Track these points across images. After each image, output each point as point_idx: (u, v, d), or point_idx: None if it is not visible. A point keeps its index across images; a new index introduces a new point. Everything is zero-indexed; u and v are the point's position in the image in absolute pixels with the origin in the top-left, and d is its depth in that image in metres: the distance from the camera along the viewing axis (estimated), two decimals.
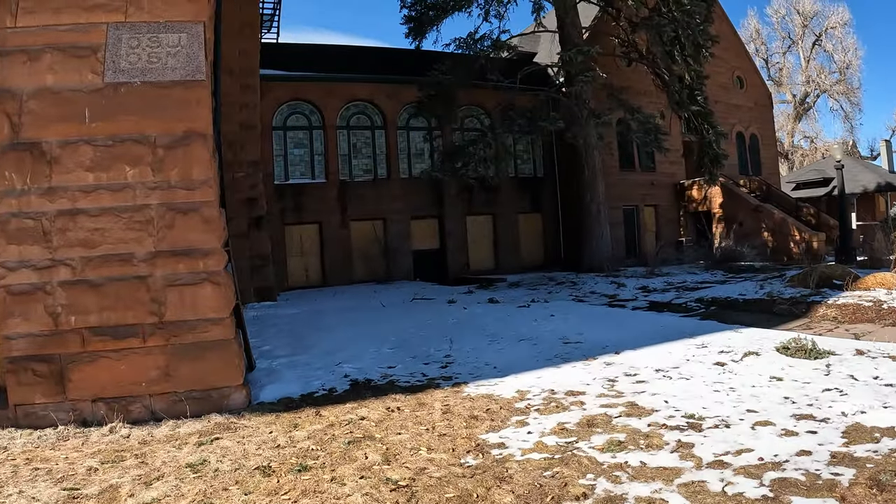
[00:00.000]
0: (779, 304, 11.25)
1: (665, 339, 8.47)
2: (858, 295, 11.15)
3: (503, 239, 22.13)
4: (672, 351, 7.73)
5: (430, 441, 4.56)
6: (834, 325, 9.57)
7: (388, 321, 11.31)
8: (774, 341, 7.91)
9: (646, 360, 7.26)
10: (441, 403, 5.67)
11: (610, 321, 10.44)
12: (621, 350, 7.87)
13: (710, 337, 8.53)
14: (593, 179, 18.50)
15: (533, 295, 15.07)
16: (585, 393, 5.93)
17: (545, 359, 7.57)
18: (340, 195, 19.90)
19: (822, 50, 40.56)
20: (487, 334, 9.50)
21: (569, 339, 8.85)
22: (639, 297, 13.95)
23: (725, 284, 14.47)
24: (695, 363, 7.01)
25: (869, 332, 8.88)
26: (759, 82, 27.84)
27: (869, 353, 7.23)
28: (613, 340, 8.55)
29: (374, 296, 15.98)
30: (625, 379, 6.43)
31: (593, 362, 7.33)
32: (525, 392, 6.06)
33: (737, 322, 10.08)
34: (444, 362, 7.68)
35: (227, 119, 15.28)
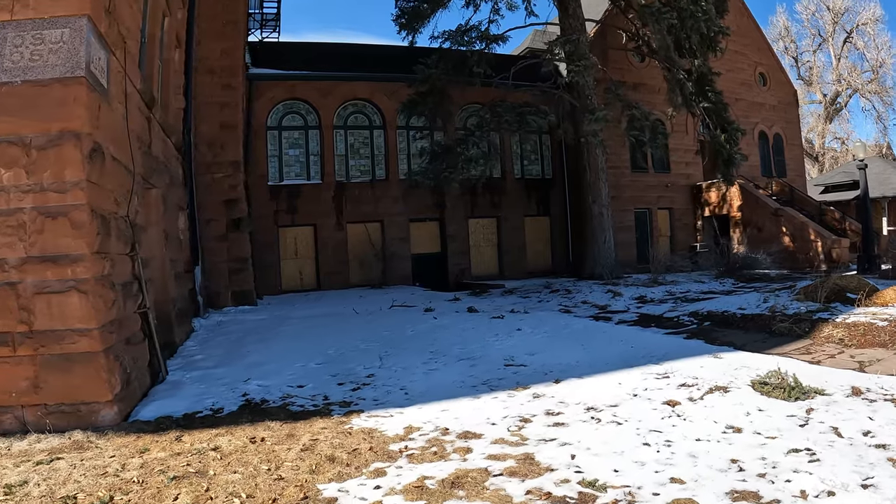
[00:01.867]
0: (779, 321, 9.58)
1: (625, 365, 7.05)
2: (873, 312, 9.40)
3: (508, 243, 20.63)
4: (624, 381, 6.31)
5: (258, 486, 3.84)
6: (838, 350, 7.96)
7: (343, 332, 10.24)
8: (755, 372, 6.44)
9: (585, 392, 5.94)
10: (310, 437, 4.81)
11: (577, 339, 9.00)
12: (564, 378, 6.57)
13: (680, 364, 7.04)
14: (596, 180, 16.87)
15: (521, 304, 13.72)
16: (483, 436, 4.75)
17: (471, 385, 6.41)
18: (336, 196, 18.76)
19: (854, 47, 37.64)
20: (432, 351, 8.33)
21: (514, 360, 7.59)
22: (631, 308, 12.44)
23: (731, 295, 12.78)
24: (641, 401, 5.59)
25: (878, 359, 7.28)
26: (783, 79, 25.62)
27: (868, 392, 5.68)
28: (564, 364, 7.26)
29: (359, 301, 14.90)
30: (542, 419, 5.15)
31: (520, 393, 6.06)
32: (415, 429, 4.99)
33: (726, 342, 8.58)
34: (360, 384, 6.66)
35: (207, 119, 14.56)
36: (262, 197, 18.20)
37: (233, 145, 15.08)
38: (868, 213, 15.60)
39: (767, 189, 21.80)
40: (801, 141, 26.73)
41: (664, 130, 16.99)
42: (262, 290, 17.33)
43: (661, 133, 16.63)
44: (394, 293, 16.29)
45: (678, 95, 15.94)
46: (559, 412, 5.33)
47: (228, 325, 11.75)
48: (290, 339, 9.77)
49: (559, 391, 6.07)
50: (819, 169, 38.59)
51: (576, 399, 5.73)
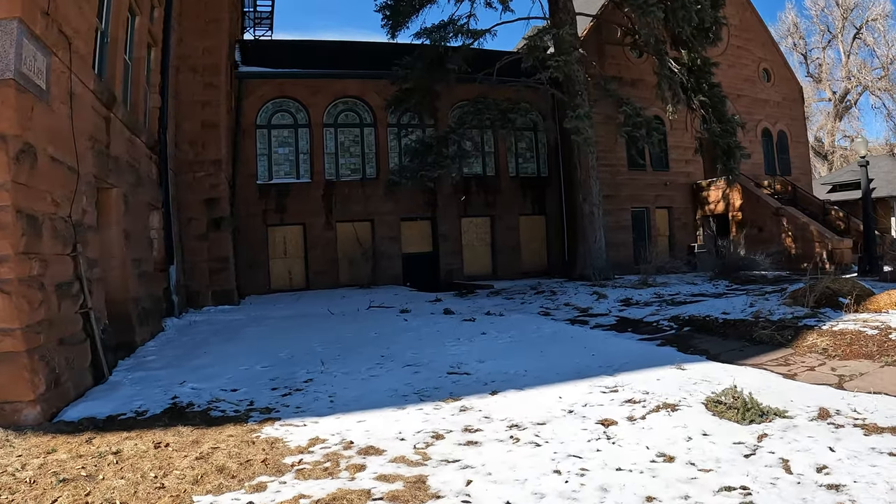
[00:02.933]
0: (761, 328, 8.78)
1: (577, 376, 6.35)
2: (864, 319, 8.57)
3: (502, 243, 19.85)
4: (566, 395, 5.62)
5: (137, 493, 3.64)
6: (819, 361, 7.20)
7: (307, 333, 9.74)
8: (716, 387, 5.73)
9: (518, 407, 5.31)
10: (213, 445, 4.52)
11: (540, 345, 8.30)
12: (503, 389, 5.93)
13: (636, 376, 6.33)
14: (586, 178, 16.03)
15: (502, 306, 13.04)
16: (384, 452, 4.27)
17: (402, 395, 5.86)
18: (326, 195, 18.16)
19: (864, 44, 35.99)
20: (383, 355, 7.76)
21: (461, 368, 6.94)
22: (613, 311, 11.69)
23: (720, 298, 11.97)
24: (575, 419, 4.91)
25: (861, 373, 6.53)
26: (788, 75, 24.46)
27: (837, 415, 4.95)
28: (512, 374, 6.61)
29: (340, 301, 14.41)
30: (457, 436, 4.59)
31: (448, 405, 5.46)
32: (320, 441, 4.58)
33: (700, 351, 7.87)
34: (294, 389, 6.21)
35: (188, 117, 14.10)
36: (251, 196, 17.71)
37: (214, 144, 14.55)
38: (869, 213, 14.61)
39: (770, 188, 20.76)
40: (807, 138, 25.54)
41: (659, 127, 16.08)
42: (251, 290, 16.91)
43: (656, 130, 15.73)
44: (379, 293, 15.69)
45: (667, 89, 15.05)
46: (478, 429, 4.73)
47: (200, 325, 11.33)
48: (252, 340, 9.35)
49: (490, 404, 5.44)
50: (828, 167, 37.12)
51: (504, 414, 5.09)
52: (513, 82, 15.79)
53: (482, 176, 19.75)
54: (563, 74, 14.35)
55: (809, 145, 38.22)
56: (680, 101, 15.47)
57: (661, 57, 14.84)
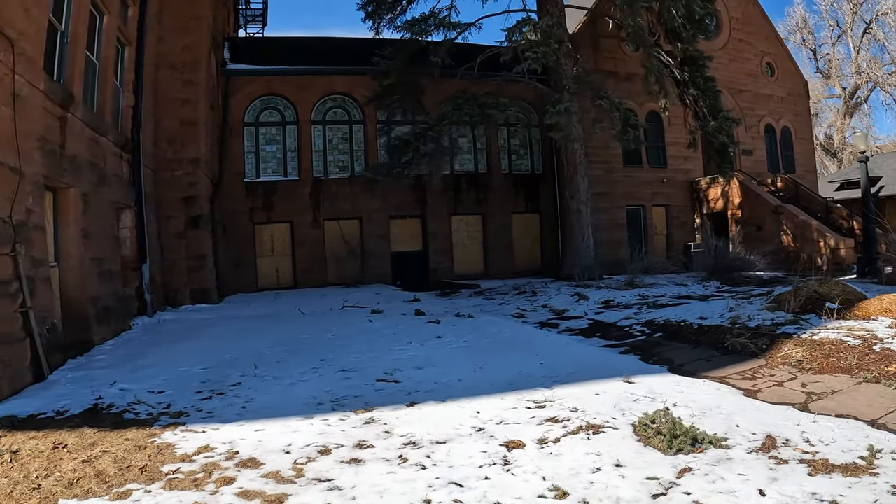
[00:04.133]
0: (735, 335, 7.96)
1: (510, 388, 5.71)
2: (849, 327, 7.70)
3: (494, 241, 19.04)
4: (486, 409, 4.99)
5: (11, 494, 3.53)
6: (790, 375, 6.42)
7: (265, 334, 9.27)
8: (656, 406, 4.99)
9: (429, 421, 4.73)
10: (105, 448, 4.31)
11: (491, 352, 7.59)
12: (423, 401, 5.35)
13: (574, 390, 5.64)
14: (573, 175, 15.17)
15: (478, 307, 12.40)
16: (262, 465, 3.93)
17: (317, 403, 5.40)
18: (314, 193, 17.56)
19: (874, 39, 34.25)
20: (324, 359, 7.24)
21: (394, 374, 6.36)
22: (589, 314, 10.94)
23: (705, 301, 11.13)
24: (481, 438, 4.28)
25: (833, 391, 5.75)
26: (792, 69, 23.21)
27: (785, 446, 4.29)
28: (443, 383, 6.02)
29: (319, 300, 13.87)
30: (344, 452, 4.09)
31: (357, 416, 4.94)
32: (209, 449, 4.25)
33: (664, 360, 7.17)
34: (216, 392, 5.85)
35: (168, 115, 13.63)
36: (238, 194, 17.19)
37: (193, 142, 14.10)
38: (869, 212, 13.58)
39: (772, 185, 19.65)
40: (812, 134, 24.28)
41: (636, 122, 15.14)
42: (239, 288, 16.47)
43: (633, 125, 14.80)
44: (361, 293, 15.10)
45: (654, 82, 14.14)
46: (371, 445, 4.21)
47: (169, 323, 10.98)
48: (208, 340, 8.94)
49: (399, 417, 4.86)
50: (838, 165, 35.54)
51: (407, 430, 4.51)
52: (494, 77, 14.96)
53: (474, 173, 18.97)
54: (542, 67, 13.50)
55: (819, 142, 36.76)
56: (668, 95, 14.56)
57: (649, 48, 13.93)
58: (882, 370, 6.10)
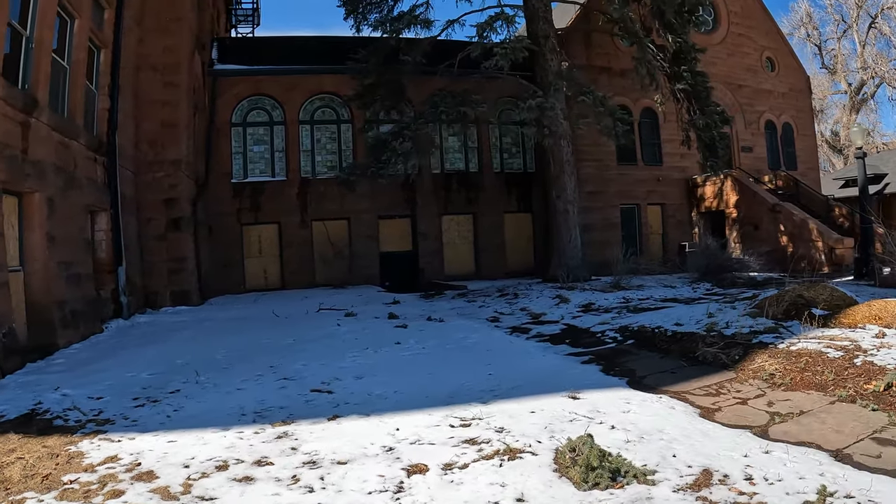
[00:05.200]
0: (708, 344, 7.30)
1: (444, 402, 5.25)
2: (832, 336, 7.00)
3: (486, 241, 18.38)
4: (405, 426, 4.56)
5: None
6: (758, 391, 5.82)
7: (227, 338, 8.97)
8: (594, 427, 4.46)
9: (342, 438, 4.34)
10: (20, 455, 4.18)
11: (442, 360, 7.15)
12: (349, 414, 4.97)
13: (510, 406, 5.09)
14: (560, 174, 14.44)
15: (455, 310, 11.94)
16: (156, 479, 3.69)
17: (242, 414, 5.06)
18: (301, 193, 17.05)
19: (880, 33, 32.83)
20: (272, 366, 6.85)
21: (331, 385, 5.94)
22: (565, 318, 10.32)
23: (689, 305, 10.41)
24: (384, 460, 3.89)
25: (801, 411, 5.18)
26: (794, 64, 22.20)
27: (720, 484, 3.85)
28: (377, 394, 5.61)
29: (299, 302, 13.40)
30: (239, 469, 3.81)
31: (272, 430, 4.59)
32: (115, 459, 4.04)
33: (625, 371, 6.65)
34: (151, 399, 5.58)
35: (148, 117, 13.25)
36: (226, 195, 16.75)
37: (173, 144, 13.76)
38: (866, 210, 12.74)
39: (771, 183, 18.75)
40: (814, 131, 23.24)
41: (624, 117, 14.39)
42: (226, 289, 16.08)
43: (621, 120, 14.05)
44: (346, 294, 14.62)
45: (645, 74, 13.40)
46: (270, 462, 3.89)
47: (142, 326, 10.75)
48: (171, 343, 8.69)
49: (314, 433, 4.49)
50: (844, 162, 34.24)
51: (315, 447, 4.16)
52: (474, 74, 14.26)
53: (465, 172, 18.32)
54: (510, 63, 12.80)
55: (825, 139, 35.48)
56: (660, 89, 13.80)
57: (640, 41, 13.18)
58: (860, 388, 5.43)
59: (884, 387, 5.24)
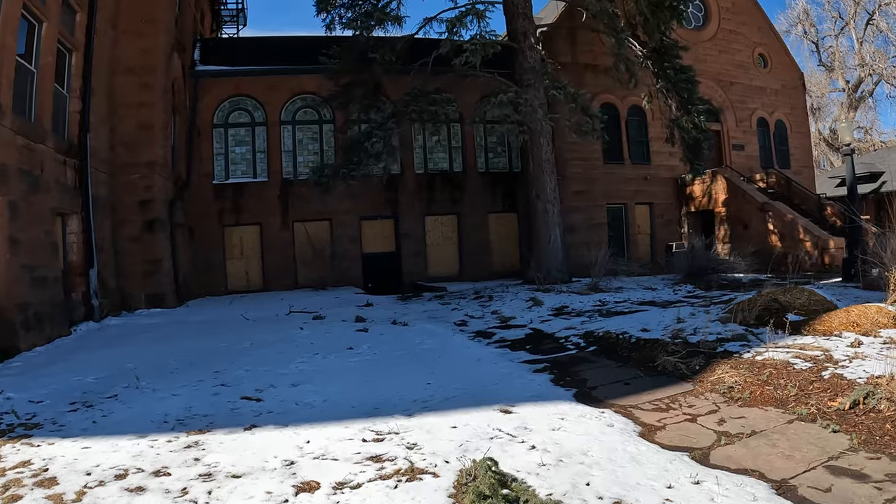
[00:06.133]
0: (670, 352, 6.73)
1: (368, 413, 4.87)
2: (802, 345, 6.41)
3: (470, 242, 17.79)
4: (317, 439, 4.25)
5: None
6: (711, 407, 5.32)
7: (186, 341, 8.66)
8: (513, 447, 4.06)
9: (250, 450, 4.09)
10: None
11: (388, 366, 6.72)
12: (267, 424, 4.65)
13: (434, 420, 4.69)
14: (539, 173, 13.82)
15: (426, 312, 11.57)
16: (55, 486, 3.53)
17: (165, 421, 4.80)
18: (283, 194, 16.57)
19: (878, 30, 31.74)
20: (217, 371, 6.52)
21: (263, 393, 5.58)
22: (534, 322, 9.83)
23: (666, 308, 9.76)
24: (278, 475, 3.62)
25: (754, 431, 4.60)
26: (787, 61, 21.40)
27: None
28: (306, 402, 5.27)
29: (274, 305, 12.97)
30: (136, 479, 3.61)
31: (184, 439, 4.32)
32: (26, 465, 3.86)
33: (577, 381, 6.04)
34: (86, 404, 5.33)
35: (124, 119, 13.29)
36: (207, 196, 16.32)
37: (149, 146, 13.41)
38: (855, 209, 12.06)
39: (763, 181, 18.02)
40: (808, 128, 22.42)
41: (598, 114, 13.74)
42: (207, 291, 15.67)
43: (595, 117, 13.39)
44: (323, 296, 14.17)
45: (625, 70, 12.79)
46: (168, 473, 3.69)
47: (111, 329, 10.49)
48: (129, 347, 8.39)
49: (225, 443, 4.20)
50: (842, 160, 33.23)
51: (218, 458, 3.89)
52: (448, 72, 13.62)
53: (448, 172, 17.75)
54: (481, 59, 12.22)
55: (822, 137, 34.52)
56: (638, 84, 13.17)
57: (617, 35, 12.57)
58: (823, 405, 4.85)
59: (849, 404, 4.65)
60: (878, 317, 6.88)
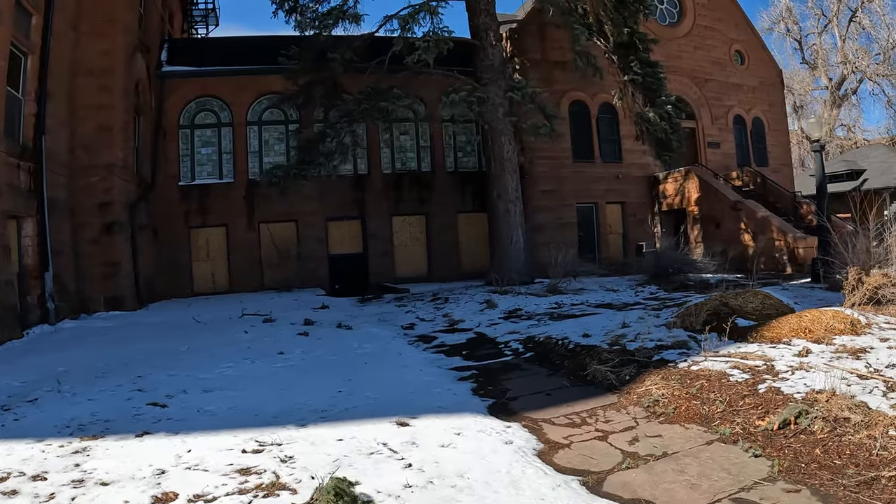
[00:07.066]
0: (602, 361, 6.17)
1: (269, 422, 4.59)
2: (745, 354, 5.86)
3: (439, 242, 17.27)
4: (199, 448, 4.02)
5: None
6: (628, 423, 4.92)
7: (129, 344, 8.48)
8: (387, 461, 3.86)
9: (131, 458, 3.88)
10: None
11: (308, 374, 6.30)
12: (157, 433, 4.42)
13: (324, 431, 4.39)
14: (501, 172, 13.25)
15: (379, 315, 11.18)
16: None
17: (67, 425, 4.61)
18: (248, 195, 16.04)
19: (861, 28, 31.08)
20: (140, 375, 6.25)
21: (173, 399, 5.33)
22: (481, 325, 9.41)
23: (620, 312, 9.24)
24: (145, 485, 3.44)
25: (666, 452, 4.06)
26: (765, 58, 20.78)
27: None
28: (211, 410, 5.02)
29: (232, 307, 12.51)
30: (9, 483, 3.47)
31: (72, 444, 4.13)
32: None
33: (500, 391, 5.69)
34: (2, 409, 5.16)
35: (83, 121, 13.07)
36: (173, 198, 15.81)
37: (108, 148, 13.05)
38: (824, 207, 11.48)
39: (739, 179, 17.42)
40: (787, 126, 21.78)
41: (555, 114, 13.14)
42: (173, 293, 15.21)
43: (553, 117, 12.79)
44: (284, 298, 13.81)
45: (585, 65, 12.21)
46: (44, 478, 3.51)
47: (64, 332, 10.27)
48: (73, 351, 8.15)
49: (111, 450, 4.01)
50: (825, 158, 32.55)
51: (97, 465, 3.71)
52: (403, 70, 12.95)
53: (417, 171, 17.20)
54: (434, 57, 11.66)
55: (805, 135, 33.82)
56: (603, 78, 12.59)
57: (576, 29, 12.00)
58: (751, 424, 4.31)
59: (778, 424, 4.10)
60: (834, 322, 6.29)
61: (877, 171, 22.82)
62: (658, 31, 17.88)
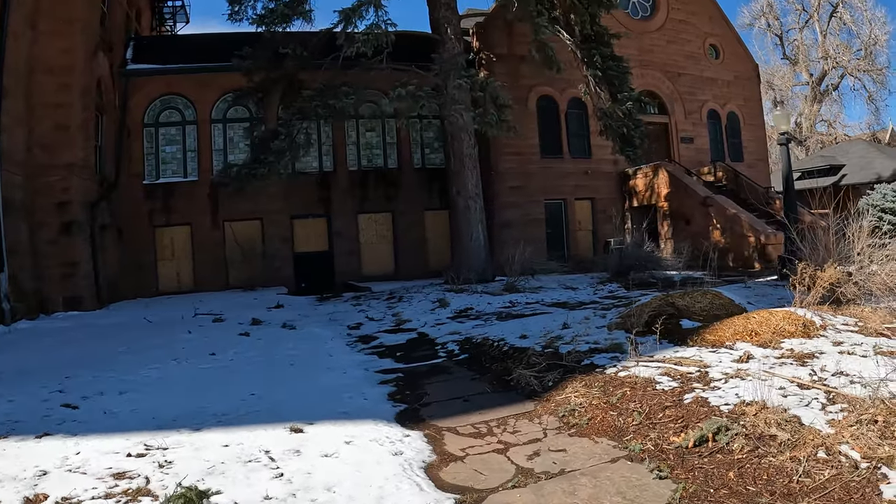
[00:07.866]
0: (527, 365, 5.77)
1: (168, 424, 4.44)
2: (679, 359, 5.50)
3: (405, 240, 16.95)
4: (88, 451, 3.90)
5: None
6: (536, 434, 4.68)
7: (72, 346, 8.21)
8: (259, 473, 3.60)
9: (20, 458, 3.75)
10: None
11: (231, 376, 6.11)
12: (56, 434, 4.26)
13: (216, 436, 4.21)
14: (461, 169, 12.87)
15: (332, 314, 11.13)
16: None
17: None
18: (213, 194, 15.65)
19: (842, 23, 30.71)
20: (68, 377, 6.02)
21: (88, 400, 5.15)
22: (427, 325, 9.27)
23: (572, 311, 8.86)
24: (21, 488, 3.35)
25: (564, 470, 3.71)
26: (741, 52, 20.39)
27: None
28: (117, 412, 4.86)
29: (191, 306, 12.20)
30: None
31: None
32: None
33: (417, 396, 5.43)
34: None
35: (41, 120, 12.75)
36: (137, 197, 15.46)
37: (67, 147, 12.77)
38: (791, 203, 11.09)
39: (711, 175, 17.02)
40: (764, 121, 21.38)
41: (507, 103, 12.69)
42: (138, 292, 14.90)
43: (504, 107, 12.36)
44: (244, 297, 13.66)
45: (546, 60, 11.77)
46: None
47: (18, 333, 10.08)
48: (16, 353, 7.92)
49: (5, 450, 3.89)
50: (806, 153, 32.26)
51: None
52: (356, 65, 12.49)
53: (383, 168, 16.83)
54: (372, 50, 11.23)
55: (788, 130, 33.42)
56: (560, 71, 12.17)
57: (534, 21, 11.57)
58: (665, 439, 3.93)
59: (694, 441, 3.68)
60: (784, 324, 5.87)
61: (856, 166, 22.48)
62: (630, 24, 17.52)
